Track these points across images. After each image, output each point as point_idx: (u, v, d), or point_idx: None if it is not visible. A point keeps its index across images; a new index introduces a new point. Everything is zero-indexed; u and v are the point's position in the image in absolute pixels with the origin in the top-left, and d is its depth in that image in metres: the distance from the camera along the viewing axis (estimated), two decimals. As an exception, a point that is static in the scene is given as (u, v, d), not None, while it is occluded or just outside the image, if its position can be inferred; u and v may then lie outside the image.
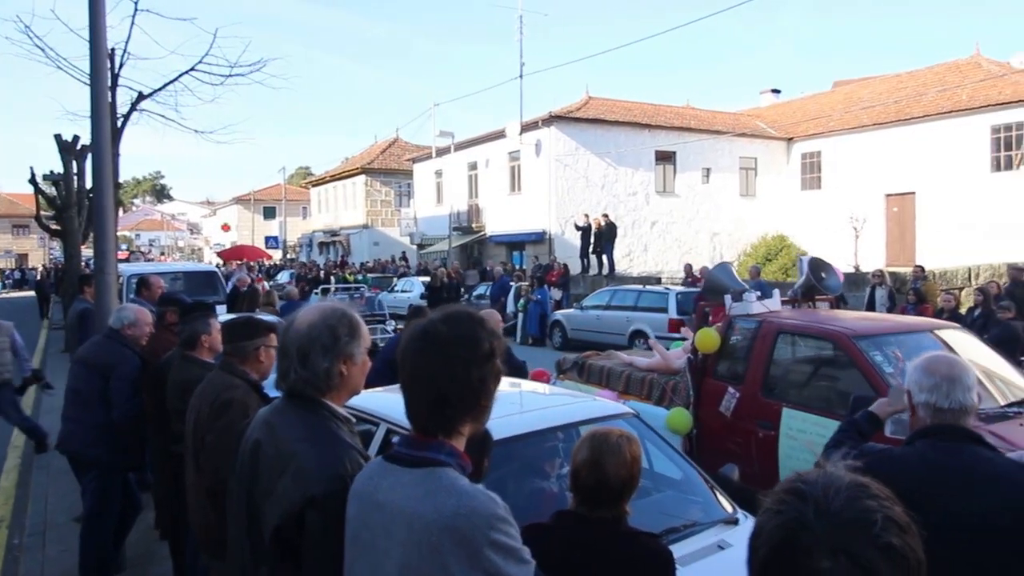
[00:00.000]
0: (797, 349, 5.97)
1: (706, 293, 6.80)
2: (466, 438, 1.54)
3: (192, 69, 9.61)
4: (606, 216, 21.28)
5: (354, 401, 3.64)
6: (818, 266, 6.72)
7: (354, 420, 2.00)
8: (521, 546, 1.42)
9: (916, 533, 0.92)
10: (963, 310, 12.04)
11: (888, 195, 23.69)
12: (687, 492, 3.71)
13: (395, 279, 25.40)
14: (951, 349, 5.10)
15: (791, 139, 27.29)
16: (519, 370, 5.69)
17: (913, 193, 22.98)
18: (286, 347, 1.89)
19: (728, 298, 6.14)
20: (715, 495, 3.56)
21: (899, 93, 24.71)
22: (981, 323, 9.62)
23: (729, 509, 3.45)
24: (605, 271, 20.88)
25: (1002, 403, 4.67)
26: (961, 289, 15.49)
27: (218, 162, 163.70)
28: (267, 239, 40.81)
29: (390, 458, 1.55)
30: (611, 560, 2.03)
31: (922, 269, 14.28)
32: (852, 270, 21.01)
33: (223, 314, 6.75)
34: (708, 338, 5.86)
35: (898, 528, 0.90)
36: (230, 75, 9.74)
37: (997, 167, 21.20)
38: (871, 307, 13.34)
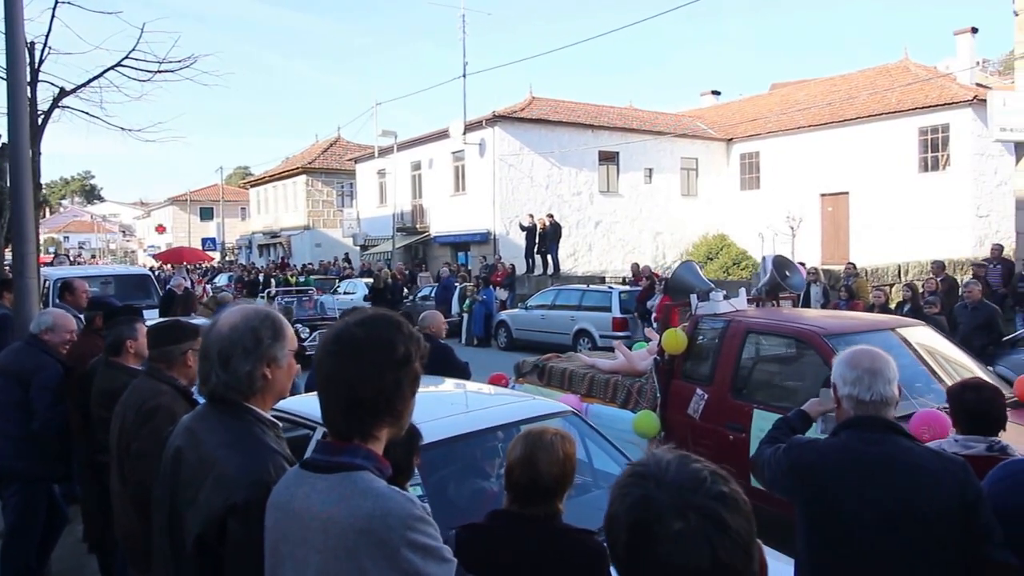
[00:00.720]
0: (766, 349, 5.91)
1: (671, 293, 6.77)
2: (385, 441, 1.52)
3: (118, 64, 9.19)
4: (551, 216, 21.36)
5: (291, 405, 3.62)
6: (782, 264, 6.72)
7: (281, 425, 1.94)
8: (441, 545, 1.41)
9: (737, 483, 1.04)
10: (892, 305, 12.51)
11: (823, 195, 24.42)
12: None
13: (338, 281, 25.01)
14: (911, 346, 5.19)
15: (731, 140, 27.90)
16: (462, 371, 5.67)
17: (847, 193, 23.75)
18: (207, 350, 1.84)
19: (694, 298, 6.10)
20: None
21: (832, 96, 25.50)
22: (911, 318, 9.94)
23: None
24: (550, 271, 20.95)
25: None
26: (891, 285, 16.07)
27: (153, 162, 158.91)
28: (204, 241, 39.69)
29: (306, 465, 1.52)
30: (544, 557, 2.03)
31: (854, 266, 14.74)
32: (789, 268, 21.55)
33: (153, 319, 6.50)
34: (675, 339, 5.80)
35: (723, 479, 1.02)
36: (158, 71, 9.35)
37: (924, 168, 22.06)
38: (806, 304, 13.71)
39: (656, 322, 14.43)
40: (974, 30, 22.82)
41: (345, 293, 22.74)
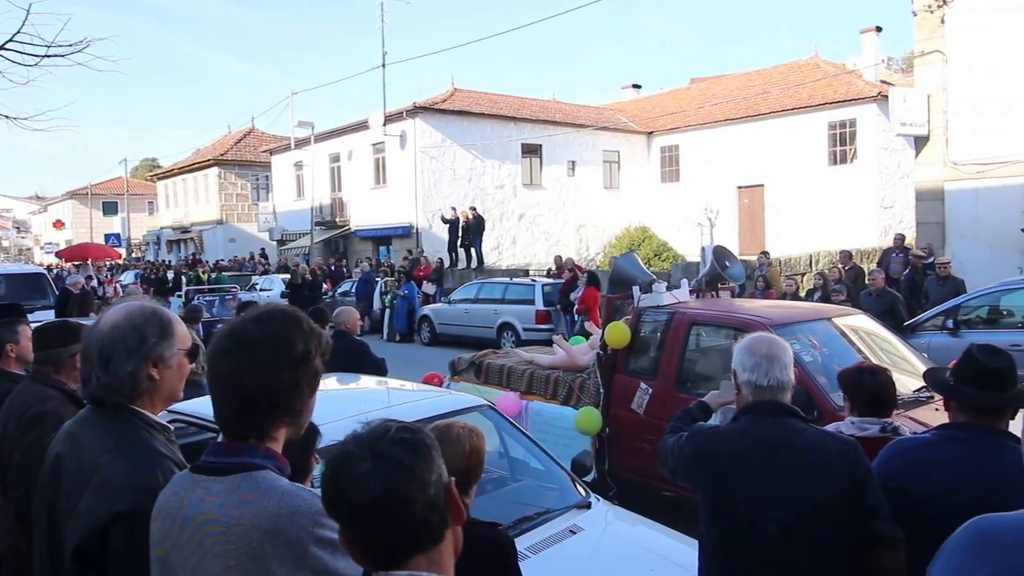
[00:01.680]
0: (711, 340, 5.80)
1: (613, 285, 6.63)
2: (283, 441, 1.48)
3: (1, 48, 8.42)
4: (473, 209, 21.18)
5: (194, 407, 3.32)
6: (722, 255, 6.69)
7: (173, 428, 1.84)
8: None
9: (428, 435, 1.20)
10: (803, 293, 12.95)
11: (740, 187, 25.11)
12: (544, 480, 3.80)
13: (254, 277, 24.11)
14: (845, 335, 5.20)
15: (651, 133, 28.34)
16: (377, 367, 5.53)
17: (762, 185, 24.49)
18: (87, 350, 1.75)
19: (636, 289, 5.96)
20: (571, 481, 3.67)
21: (748, 90, 26.22)
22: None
23: (583, 494, 3.58)
24: (474, 264, 20.79)
25: (912, 388, 4.65)
26: (803, 274, 16.65)
27: (50, 155, 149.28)
28: (107, 236, 37.40)
29: (198, 469, 1.46)
30: None
31: (767, 256, 15.16)
32: (708, 258, 22.06)
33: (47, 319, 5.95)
34: (618, 332, 5.66)
35: (409, 430, 1.18)
36: (46, 56, 8.59)
37: (834, 161, 22.96)
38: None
39: (579, 314, 14.53)
40: (878, 29, 23.88)
41: (262, 290, 21.96)
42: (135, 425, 1.72)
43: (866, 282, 11.86)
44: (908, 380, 4.76)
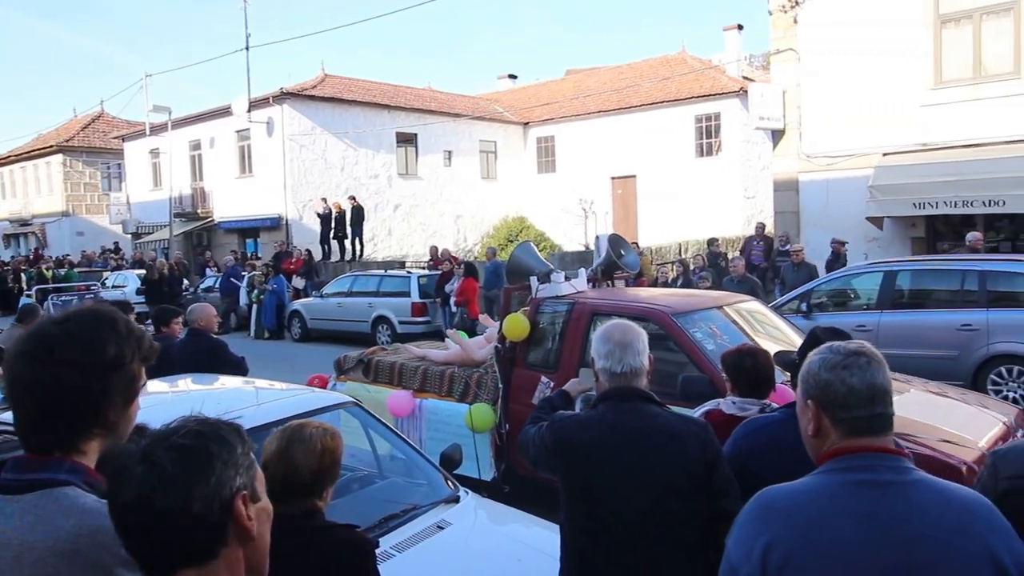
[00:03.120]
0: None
1: (510, 276, 6.32)
2: (96, 455, 1.36)
3: None
4: (352, 199, 20.47)
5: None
6: (617, 243, 6.54)
7: None
8: None
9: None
10: (669, 280, 13.29)
11: (613, 178, 25.59)
12: (412, 476, 3.77)
13: (106, 273, 22.27)
14: (734, 321, 5.19)
15: (527, 124, 28.40)
16: (236, 367, 5.19)
17: (634, 176, 25.05)
18: None
19: (534, 280, 5.73)
20: (440, 476, 3.65)
21: (620, 83, 26.72)
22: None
23: (451, 488, 3.56)
24: (348, 256, 20.11)
25: None
26: (672, 263, 17.14)
27: None
28: (-69, 231, 33.67)
29: None
30: (305, 558, 1.94)
31: (637, 245, 15.48)
32: (583, 248, 22.39)
33: None
34: (516, 324, 5.41)
35: (197, 436, 1.09)
36: None
37: (701, 153, 23.81)
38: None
39: (457, 306, 14.28)
40: (740, 27, 24.90)
41: (114, 287, 20.36)
42: None
43: (729, 269, 12.27)
44: None
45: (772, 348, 3.99)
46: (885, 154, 12.80)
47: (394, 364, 6.10)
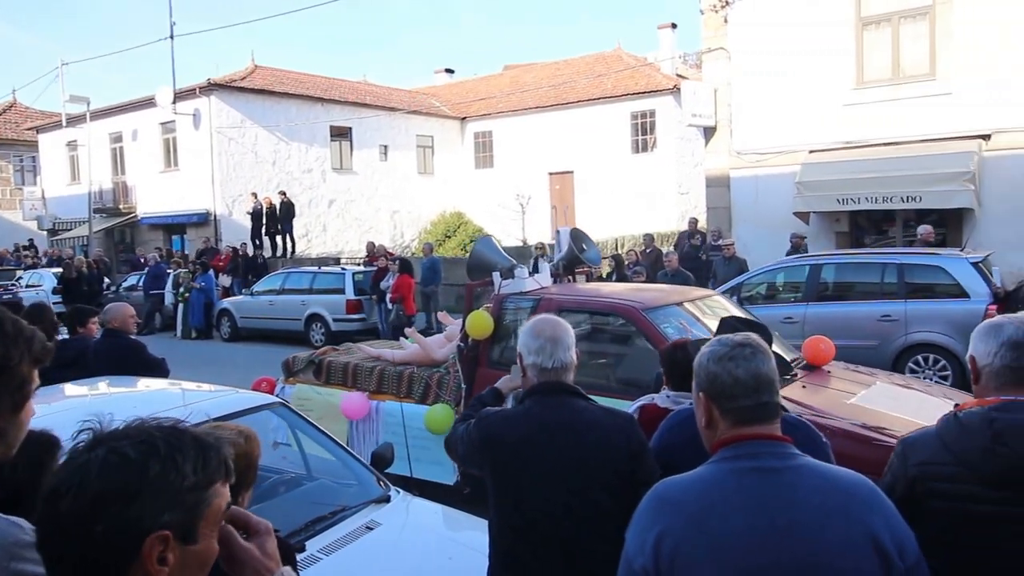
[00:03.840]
0: (580, 328, 5.44)
1: (471, 272, 6.14)
2: None
3: None
4: (283, 194, 19.94)
5: None
6: (579, 237, 6.44)
7: None
8: None
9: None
10: (603, 275, 13.37)
11: (551, 173, 25.69)
12: (341, 477, 3.72)
13: (20, 272, 21.15)
14: (700, 315, 5.17)
15: (464, 118, 28.23)
16: (156, 368, 4.99)
17: (572, 172, 25.19)
18: None
19: (497, 275, 5.55)
20: (371, 475, 3.59)
21: (557, 79, 26.81)
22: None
23: (382, 488, 3.52)
24: (279, 252, 19.61)
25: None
26: (606, 258, 17.28)
27: None
28: None
29: None
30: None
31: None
32: (520, 244, 22.41)
33: None
34: (480, 321, 5.23)
35: (142, 445, 0.99)
36: None
37: (637, 149, 24.11)
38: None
39: (393, 303, 14.07)
40: (674, 25, 25.31)
41: (29, 286, 19.31)
42: None
43: (663, 263, 12.45)
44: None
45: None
46: (811, 151, 13.17)
47: (348, 365, 5.85)
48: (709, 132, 14.92)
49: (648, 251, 14.55)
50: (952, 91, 11.97)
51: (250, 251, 18.94)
